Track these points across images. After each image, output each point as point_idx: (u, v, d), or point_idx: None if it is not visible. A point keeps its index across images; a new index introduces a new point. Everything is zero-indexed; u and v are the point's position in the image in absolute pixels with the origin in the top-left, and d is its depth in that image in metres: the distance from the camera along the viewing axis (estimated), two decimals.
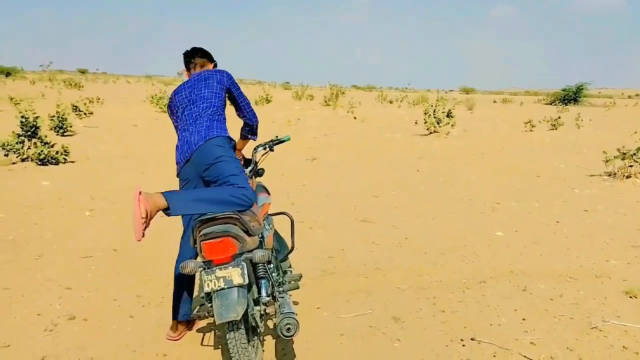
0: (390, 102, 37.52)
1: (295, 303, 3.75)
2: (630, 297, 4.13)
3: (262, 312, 2.90)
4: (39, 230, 5.45)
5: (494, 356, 3.25)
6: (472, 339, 3.44)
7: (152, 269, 4.54)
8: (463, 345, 3.37)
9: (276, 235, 3.59)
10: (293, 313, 2.76)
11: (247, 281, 2.68)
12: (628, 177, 8.82)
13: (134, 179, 8.03)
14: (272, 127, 15.49)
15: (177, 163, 3.15)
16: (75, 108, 16.71)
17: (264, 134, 5.20)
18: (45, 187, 7.34)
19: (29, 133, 9.12)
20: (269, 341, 3.35)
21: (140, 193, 2.63)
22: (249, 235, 2.80)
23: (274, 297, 2.98)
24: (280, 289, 3.14)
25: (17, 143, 8.90)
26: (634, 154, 8.74)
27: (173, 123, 3.40)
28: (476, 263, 4.92)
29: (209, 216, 2.76)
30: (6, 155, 8.82)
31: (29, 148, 9.05)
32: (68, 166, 8.99)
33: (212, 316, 2.71)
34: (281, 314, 2.76)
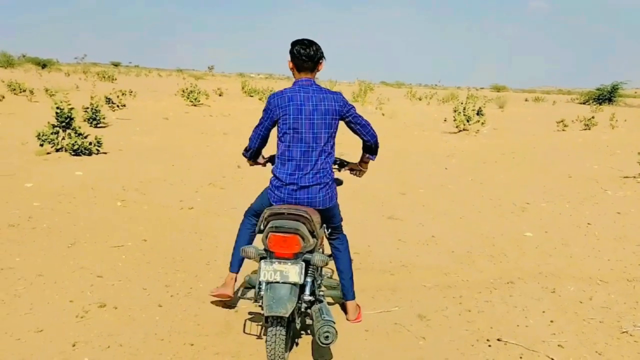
0: (420, 99, 37.23)
1: (330, 304, 3.77)
2: None
3: (302, 310, 2.94)
4: (72, 219, 5.58)
5: (521, 357, 3.21)
6: (498, 340, 3.41)
7: (181, 260, 4.61)
8: (489, 346, 3.34)
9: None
10: (333, 322, 2.77)
11: (302, 281, 2.73)
12: None
13: (165, 171, 8.16)
14: None
15: (277, 199, 3.13)
16: (109, 100, 17.06)
17: None
18: (79, 177, 7.51)
19: (64, 124, 9.34)
20: (294, 335, 3.37)
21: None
22: (313, 236, 2.85)
23: (315, 297, 3.01)
24: (320, 291, 3.19)
25: (52, 134, 9.13)
26: None
27: (264, 129, 3.25)
28: (504, 263, 4.86)
29: (283, 209, 2.83)
30: (41, 145, 9.05)
31: (63, 139, 9.28)
32: (101, 157, 9.18)
33: (257, 301, 2.77)
34: (322, 319, 2.77)
